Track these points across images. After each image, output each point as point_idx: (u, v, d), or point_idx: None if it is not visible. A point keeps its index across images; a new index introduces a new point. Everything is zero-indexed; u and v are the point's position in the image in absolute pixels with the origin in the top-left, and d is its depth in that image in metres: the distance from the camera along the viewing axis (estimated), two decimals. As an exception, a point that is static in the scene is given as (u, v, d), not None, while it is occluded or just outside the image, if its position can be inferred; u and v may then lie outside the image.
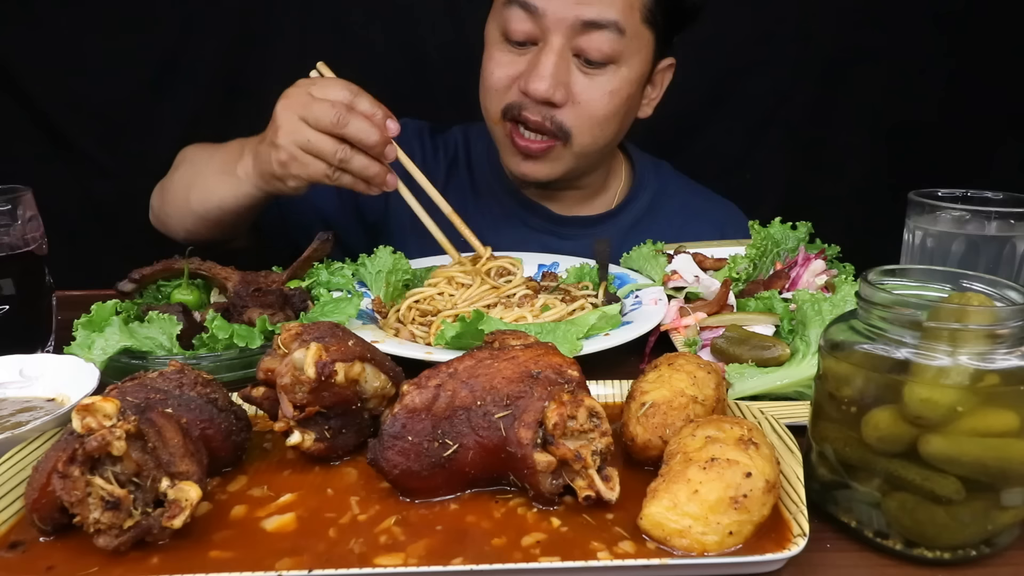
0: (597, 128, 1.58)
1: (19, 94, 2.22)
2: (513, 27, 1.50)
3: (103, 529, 0.68)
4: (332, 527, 0.74)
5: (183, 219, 1.60)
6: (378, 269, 1.39)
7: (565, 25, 1.46)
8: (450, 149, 1.86)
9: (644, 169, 1.86)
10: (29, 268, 1.19)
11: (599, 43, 1.48)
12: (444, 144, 1.86)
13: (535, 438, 0.76)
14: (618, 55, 1.51)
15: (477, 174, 1.83)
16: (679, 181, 1.91)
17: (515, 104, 1.55)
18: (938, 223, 1.15)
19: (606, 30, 1.47)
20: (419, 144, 1.83)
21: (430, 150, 1.84)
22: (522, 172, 1.63)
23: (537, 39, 1.51)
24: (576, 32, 1.47)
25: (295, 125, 1.32)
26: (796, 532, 0.70)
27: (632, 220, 1.80)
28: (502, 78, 1.56)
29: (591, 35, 1.48)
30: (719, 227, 1.80)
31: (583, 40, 1.48)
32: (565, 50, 1.49)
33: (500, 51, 1.56)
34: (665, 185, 1.87)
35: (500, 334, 0.95)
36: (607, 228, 1.77)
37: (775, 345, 1.08)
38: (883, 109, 2.44)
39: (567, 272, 1.48)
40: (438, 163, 1.82)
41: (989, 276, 0.77)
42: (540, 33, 1.49)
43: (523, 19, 1.49)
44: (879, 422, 0.72)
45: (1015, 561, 0.73)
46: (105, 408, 0.69)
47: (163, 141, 2.29)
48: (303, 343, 0.84)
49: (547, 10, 1.46)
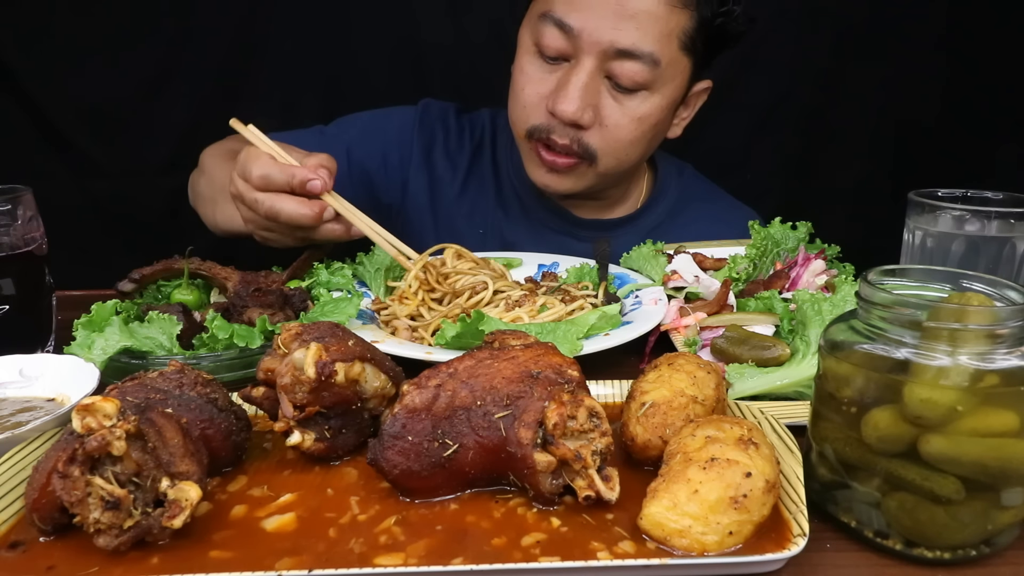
0: (623, 152, 1.56)
1: (19, 94, 2.22)
2: (546, 42, 1.47)
3: (103, 529, 0.68)
4: (332, 527, 0.74)
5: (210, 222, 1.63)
6: (376, 267, 1.39)
7: (599, 48, 1.43)
8: (476, 132, 1.84)
9: (667, 174, 1.84)
10: (29, 268, 1.19)
11: (632, 72, 1.45)
12: (471, 125, 1.85)
13: (535, 438, 0.76)
14: (651, 83, 1.48)
15: (501, 166, 1.81)
16: (702, 186, 1.90)
17: (542, 127, 1.52)
18: (938, 223, 1.15)
19: (640, 60, 1.44)
20: (442, 126, 1.81)
21: (455, 131, 1.82)
22: (544, 184, 1.61)
23: (569, 56, 1.47)
24: (609, 56, 1.44)
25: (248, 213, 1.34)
26: (796, 532, 0.70)
27: (652, 225, 1.78)
28: (532, 95, 1.53)
29: (624, 63, 1.44)
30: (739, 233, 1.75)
31: (616, 65, 1.45)
32: (596, 72, 1.46)
33: (531, 64, 1.53)
34: (687, 190, 1.84)
35: (500, 334, 0.95)
36: (626, 232, 1.75)
37: (775, 345, 1.08)
38: (883, 109, 2.44)
39: (567, 272, 1.49)
40: (463, 145, 1.81)
41: (989, 276, 0.77)
42: (573, 51, 1.46)
43: (557, 36, 1.45)
44: (879, 422, 0.72)
45: (1015, 561, 0.73)
46: (105, 408, 0.69)
47: (162, 141, 2.30)
48: (303, 343, 0.84)
49: (583, 31, 1.43)
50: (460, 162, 1.80)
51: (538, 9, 1.50)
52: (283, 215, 1.28)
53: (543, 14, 1.47)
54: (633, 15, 1.41)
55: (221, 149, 1.68)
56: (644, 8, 1.41)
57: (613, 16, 1.41)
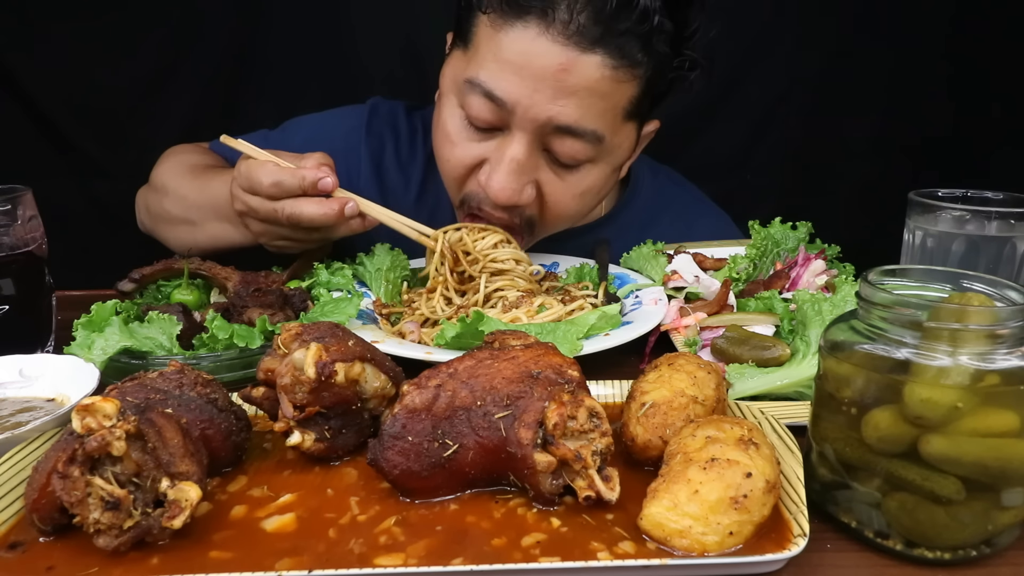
0: (566, 221, 1.47)
1: (20, 94, 2.22)
2: (474, 112, 1.30)
3: (103, 529, 0.68)
4: (332, 527, 0.74)
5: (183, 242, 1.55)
6: (377, 267, 1.39)
7: (536, 124, 1.27)
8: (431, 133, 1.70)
9: (641, 175, 1.74)
10: (29, 268, 1.19)
11: (573, 149, 1.30)
12: (424, 125, 1.69)
13: (535, 438, 0.76)
14: (593, 157, 1.34)
15: None
16: (675, 190, 1.79)
17: (474, 196, 1.39)
18: (938, 223, 1.15)
19: (582, 139, 1.29)
20: (391, 131, 1.69)
21: (406, 134, 1.70)
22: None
23: (501, 127, 1.31)
24: (547, 131, 1.28)
25: (262, 227, 1.33)
26: (796, 532, 0.70)
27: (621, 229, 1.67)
28: (458, 168, 1.38)
29: (564, 139, 1.29)
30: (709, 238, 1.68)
31: (555, 142, 1.30)
32: (533, 147, 1.31)
33: (457, 131, 1.36)
34: (661, 192, 1.75)
35: (500, 334, 0.95)
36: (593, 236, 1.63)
37: (775, 345, 1.08)
38: (883, 109, 2.44)
39: (567, 272, 1.48)
40: (415, 151, 1.68)
41: (989, 276, 0.77)
42: (505, 123, 1.30)
43: (486, 108, 1.28)
44: (879, 422, 0.72)
45: (1015, 561, 0.73)
46: (105, 408, 0.69)
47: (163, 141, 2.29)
48: (303, 343, 0.84)
49: (517, 105, 1.26)
50: (413, 171, 1.67)
51: (463, 70, 1.32)
52: (304, 218, 1.25)
53: (468, 81, 1.29)
54: (573, 92, 1.24)
55: (179, 166, 1.61)
56: (586, 85, 1.24)
57: (551, 92, 1.24)
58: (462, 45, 1.36)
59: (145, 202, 1.69)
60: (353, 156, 1.66)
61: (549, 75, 1.23)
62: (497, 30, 1.26)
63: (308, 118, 1.72)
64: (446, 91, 1.41)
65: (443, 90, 1.42)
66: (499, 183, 1.31)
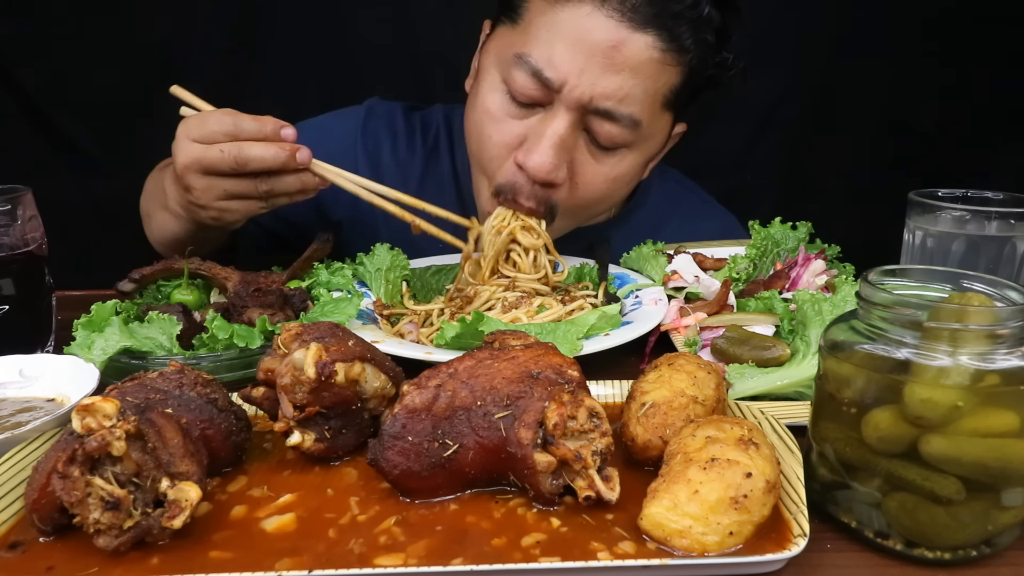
0: (588, 209, 1.47)
1: (19, 94, 2.22)
2: (518, 87, 1.32)
3: (103, 529, 0.68)
4: (332, 527, 0.74)
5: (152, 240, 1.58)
6: (376, 267, 1.39)
7: (579, 104, 1.30)
8: (430, 134, 1.71)
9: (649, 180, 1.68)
10: (29, 268, 1.19)
11: (611, 132, 1.33)
12: (423, 126, 1.71)
13: (535, 438, 0.76)
14: (630, 143, 1.37)
15: (461, 165, 1.67)
16: (683, 192, 1.80)
17: (508, 185, 1.38)
18: (938, 223, 1.15)
19: (620, 123, 1.32)
20: (388, 131, 1.68)
21: (404, 134, 1.69)
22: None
23: (544, 104, 1.33)
24: (588, 112, 1.31)
25: (204, 182, 1.24)
26: (796, 532, 0.70)
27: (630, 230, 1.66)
28: (499, 146, 1.38)
29: (604, 122, 1.32)
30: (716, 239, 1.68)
31: (595, 123, 1.32)
32: (574, 126, 1.33)
33: (498, 104, 1.37)
34: (668, 195, 1.75)
35: (500, 334, 0.95)
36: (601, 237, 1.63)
37: (775, 345, 1.08)
38: (883, 109, 2.44)
39: (567, 272, 1.48)
40: (414, 150, 1.67)
41: (989, 276, 0.77)
42: (548, 100, 1.32)
43: (532, 84, 1.31)
44: (879, 422, 0.72)
45: (1015, 561, 0.73)
46: (105, 408, 0.69)
47: (163, 141, 2.29)
48: (303, 343, 0.84)
49: (564, 85, 1.28)
50: (412, 170, 1.67)
51: (509, 45, 1.35)
52: (254, 157, 1.19)
53: (518, 55, 1.32)
54: (620, 69, 1.27)
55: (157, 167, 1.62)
56: (634, 64, 1.27)
57: (599, 69, 1.26)
58: (509, 22, 1.39)
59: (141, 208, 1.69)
60: (349, 157, 1.65)
61: (600, 51, 1.26)
62: (552, 4, 1.29)
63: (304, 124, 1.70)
64: (487, 67, 1.41)
65: (483, 67, 1.43)
66: (540, 157, 1.32)
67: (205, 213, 1.29)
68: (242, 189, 1.24)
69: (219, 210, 1.27)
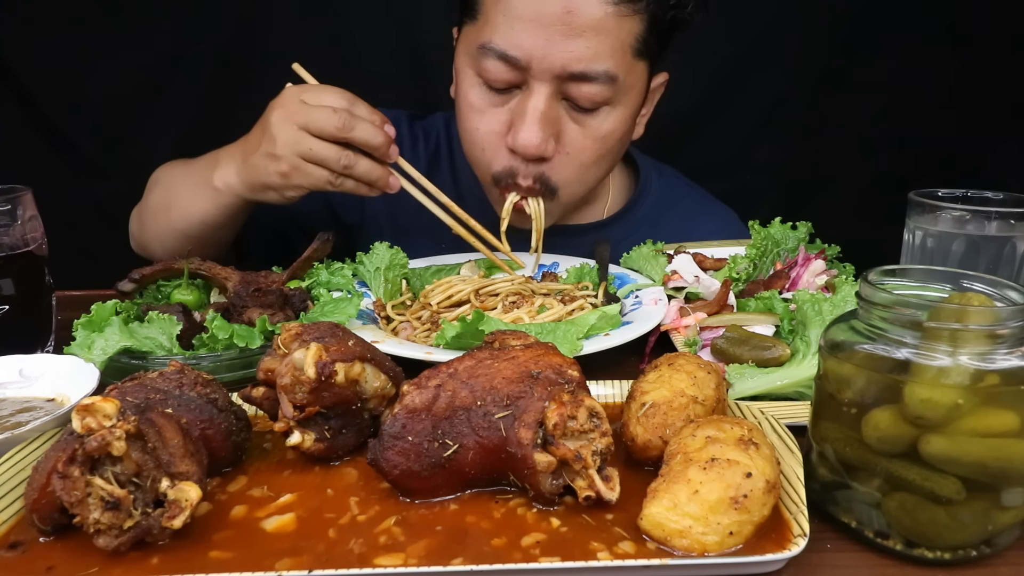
0: (588, 174, 1.49)
1: (19, 94, 2.22)
2: (491, 76, 1.37)
3: (103, 529, 0.68)
4: (332, 527, 0.74)
5: (164, 240, 1.54)
6: (376, 266, 1.39)
7: (551, 74, 1.33)
8: (431, 141, 1.76)
9: (648, 175, 1.77)
10: (29, 268, 1.19)
11: (590, 92, 1.36)
12: (425, 133, 1.76)
13: (535, 438, 0.76)
14: (611, 99, 1.39)
15: (460, 171, 1.73)
16: (682, 188, 1.82)
17: (505, 171, 1.44)
18: (938, 223, 1.15)
19: (596, 81, 1.35)
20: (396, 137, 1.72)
21: (407, 142, 1.74)
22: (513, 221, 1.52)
23: (520, 84, 1.38)
24: (563, 80, 1.35)
25: (295, 135, 1.28)
26: (796, 532, 0.70)
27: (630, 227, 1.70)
28: (487, 135, 1.43)
29: (580, 85, 1.35)
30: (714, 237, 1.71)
31: (572, 88, 1.36)
32: (553, 96, 1.37)
33: (479, 96, 1.42)
34: (667, 192, 1.77)
35: (500, 334, 0.95)
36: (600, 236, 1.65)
37: (775, 345, 1.08)
38: (883, 109, 2.44)
39: (567, 272, 1.48)
40: (417, 157, 1.72)
41: (989, 276, 0.77)
42: (523, 79, 1.36)
43: (502, 68, 1.35)
44: (879, 422, 0.72)
45: (1015, 561, 0.73)
46: (105, 408, 0.69)
47: (163, 141, 2.30)
48: (303, 343, 0.84)
49: (531, 60, 1.32)
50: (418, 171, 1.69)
51: (474, 40, 1.40)
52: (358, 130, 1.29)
53: (482, 46, 1.36)
54: (581, 33, 1.30)
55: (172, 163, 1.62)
56: (592, 23, 1.30)
57: (560, 38, 1.30)
58: (471, 20, 1.43)
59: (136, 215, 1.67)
60: None
61: (556, 20, 1.29)
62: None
63: None
64: (462, 68, 1.46)
65: (459, 69, 1.48)
66: (526, 134, 1.37)
67: (275, 166, 1.32)
68: (325, 154, 1.29)
69: (292, 167, 1.31)
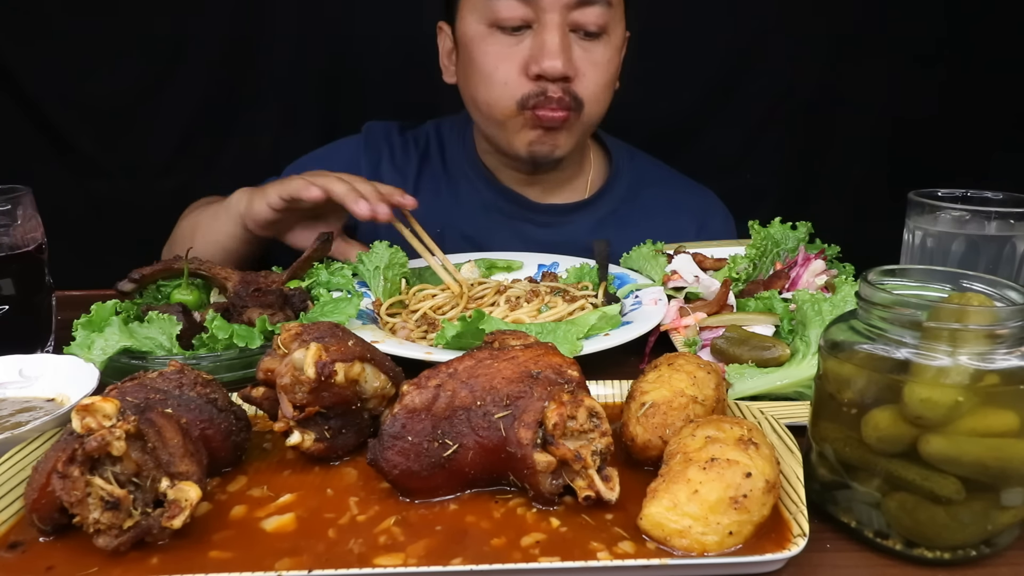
0: (603, 95, 1.61)
1: (19, 94, 2.22)
2: (506, 15, 1.51)
3: (103, 529, 0.68)
4: (332, 527, 0.74)
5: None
6: (375, 265, 1.39)
7: (560, 4, 1.49)
8: (421, 143, 1.87)
9: (620, 157, 1.87)
10: (29, 268, 1.19)
11: (594, 16, 1.52)
12: (415, 139, 1.87)
13: (535, 438, 0.76)
14: (607, 26, 1.55)
15: (451, 164, 1.83)
16: (657, 171, 1.92)
17: (532, 93, 1.54)
18: (938, 223, 1.15)
19: (598, 3, 1.51)
20: (387, 144, 1.84)
21: (399, 146, 1.85)
22: (537, 149, 1.61)
23: (531, 21, 1.52)
24: (570, 8, 1.50)
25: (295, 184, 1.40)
26: (796, 532, 0.70)
27: (609, 209, 1.80)
28: (509, 71, 1.54)
29: (585, 10, 1.51)
30: (699, 217, 1.82)
31: (578, 14, 1.51)
32: (564, 26, 1.51)
33: (493, 43, 1.55)
34: (642, 174, 1.87)
35: (500, 334, 0.95)
36: (584, 215, 1.78)
37: (775, 345, 1.08)
38: (883, 109, 2.44)
39: (567, 272, 1.48)
40: (408, 157, 1.84)
41: (989, 276, 0.77)
42: (534, 15, 1.51)
43: (515, 6, 1.50)
44: (879, 422, 0.72)
45: (1015, 561, 0.73)
46: (105, 408, 0.69)
47: (163, 141, 2.30)
48: (303, 343, 0.84)
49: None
50: (408, 171, 1.82)
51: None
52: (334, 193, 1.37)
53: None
54: None
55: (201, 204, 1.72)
56: None
57: None
58: None
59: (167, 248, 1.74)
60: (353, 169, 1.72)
61: None
62: None
63: (307, 157, 1.84)
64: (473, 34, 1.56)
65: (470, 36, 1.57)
66: (551, 58, 1.49)
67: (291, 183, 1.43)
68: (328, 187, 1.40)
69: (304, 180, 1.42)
